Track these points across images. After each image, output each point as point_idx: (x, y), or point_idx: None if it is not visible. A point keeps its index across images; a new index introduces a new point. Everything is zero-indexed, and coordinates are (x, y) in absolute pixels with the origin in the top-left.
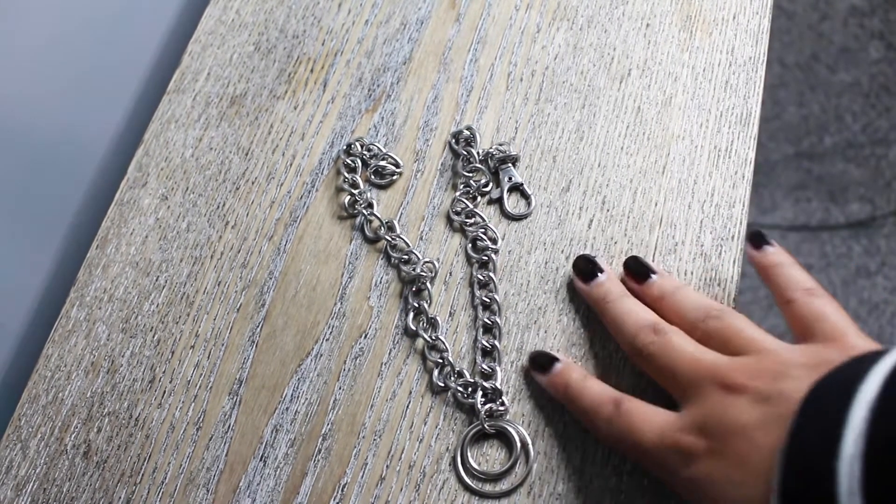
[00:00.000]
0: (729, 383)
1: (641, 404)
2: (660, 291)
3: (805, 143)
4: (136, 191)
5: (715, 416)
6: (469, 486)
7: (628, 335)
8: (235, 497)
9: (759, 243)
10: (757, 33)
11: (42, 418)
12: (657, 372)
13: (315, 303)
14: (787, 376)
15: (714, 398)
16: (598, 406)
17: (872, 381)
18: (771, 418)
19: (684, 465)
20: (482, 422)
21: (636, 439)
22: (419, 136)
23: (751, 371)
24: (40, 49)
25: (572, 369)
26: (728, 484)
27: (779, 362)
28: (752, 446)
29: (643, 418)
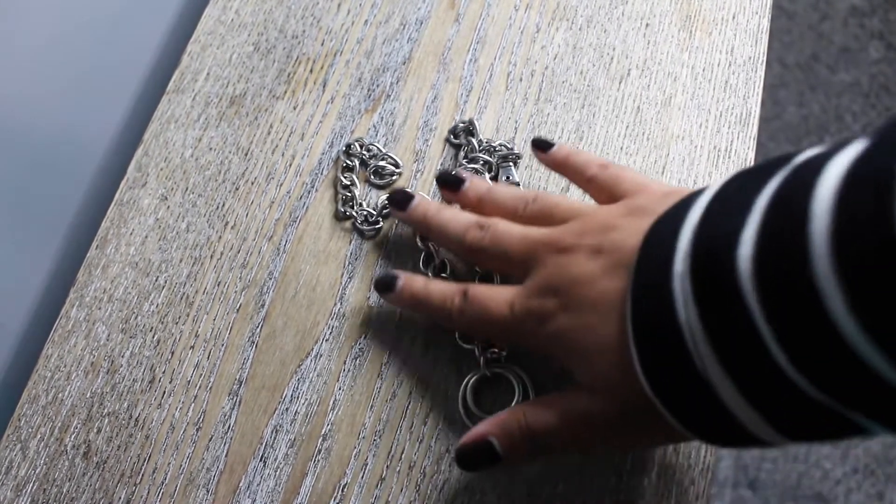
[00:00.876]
0: (562, 246)
1: (485, 286)
2: (475, 194)
3: (805, 143)
4: (135, 191)
5: (556, 275)
6: None
7: (457, 237)
8: (235, 497)
9: (545, 146)
10: (756, 33)
11: (42, 419)
12: (493, 261)
13: (315, 303)
14: (612, 228)
15: (551, 261)
16: (447, 301)
17: (696, 208)
18: (608, 265)
19: (540, 325)
20: (482, 367)
21: (489, 317)
22: (419, 136)
23: (578, 231)
24: (40, 49)
25: (414, 280)
26: (585, 330)
27: (600, 219)
28: (597, 291)
29: (491, 297)
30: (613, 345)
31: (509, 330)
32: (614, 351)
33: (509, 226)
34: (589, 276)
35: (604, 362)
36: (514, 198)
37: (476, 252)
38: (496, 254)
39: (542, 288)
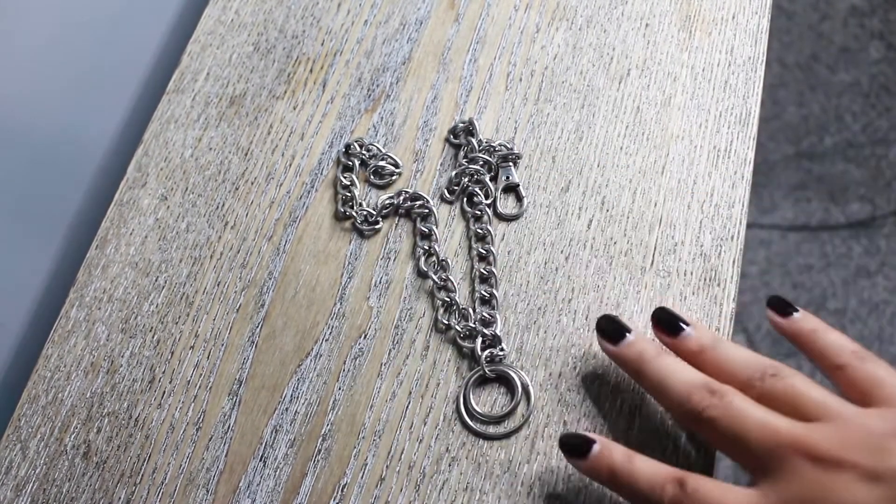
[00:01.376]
0: (822, 456)
1: (710, 481)
2: (698, 345)
3: (805, 143)
4: (135, 191)
5: (813, 496)
6: (473, 429)
7: (679, 398)
8: (235, 497)
9: (785, 310)
10: (756, 33)
11: (42, 419)
12: (721, 440)
13: (314, 303)
14: (889, 450)
15: (806, 474)
16: (658, 487)
17: None
18: (888, 499)
19: None
20: (483, 367)
21: None
22: (418, 136)
23: (840, 440)
24: (40, 49)
25: (613, 449)
26: None
27: (868, 431)
28: None
29: (719, 499)
30: None
31: None
32: None
33: (748, 404)
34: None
35: None
36: (748, 363)
37: (701, 422)
38: (728, 434)
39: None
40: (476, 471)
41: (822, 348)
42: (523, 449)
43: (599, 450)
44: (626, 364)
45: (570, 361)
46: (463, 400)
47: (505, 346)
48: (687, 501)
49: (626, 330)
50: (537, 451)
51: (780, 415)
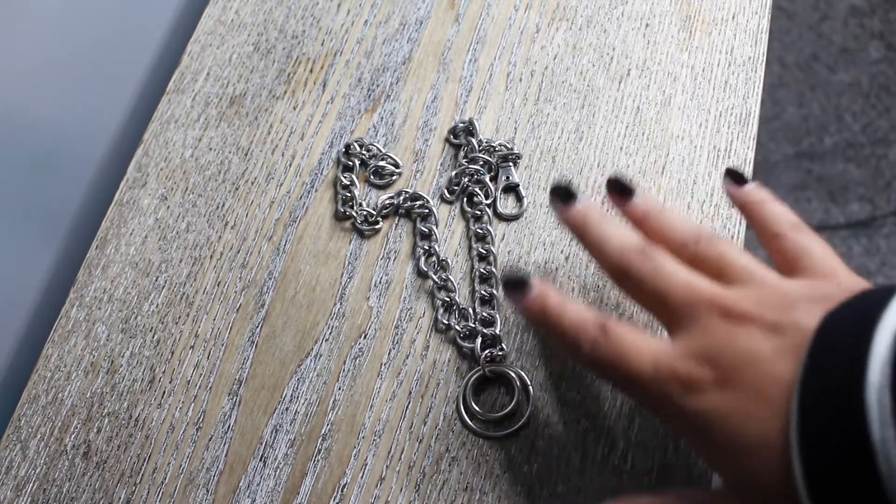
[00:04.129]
0: (733, 311)
1: (630, 328)
2: (644, 210)
3: (805, 143)
4: (135, 191)
5: (720, 344)
6: (473, 429)
7: (613, 255)
8: (235, 497)
9: (740, 180)
10: (756, 33)
11: (42, 419)
12: (646, 297)
13: (315, 303)
14: (795, 307)
15: (716, 326)
16: (581, 329)
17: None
18: (785, 349)
19: (687, 396)
20: (482, 367)
21: (627, 366)
22: (418, 137)
23: (754, 300)
24: (40, 49)
25: (549, 291)
26: (743, 418)
27: (782, 293)
28: (767, 378)
29: (634, 342)
30: (773, 442)
31: (644, 389)
32: (773, 449)
33: (675, 266)
34: (759, 355)
35: (757, 461)
36: (685, 229)
37: (628, 278)
38: (651, 290)
39: (697, 353)
40: (476, 471)
41: (763, 218)
42: (523, 449)
43: (537, 292)
44: (572, 226)
45: (570, 361)
46: (463, 400)
47: (505, 346)
48: (605, 343)
49: (575, 196)
50: (537, 451)
51: (705, 277)
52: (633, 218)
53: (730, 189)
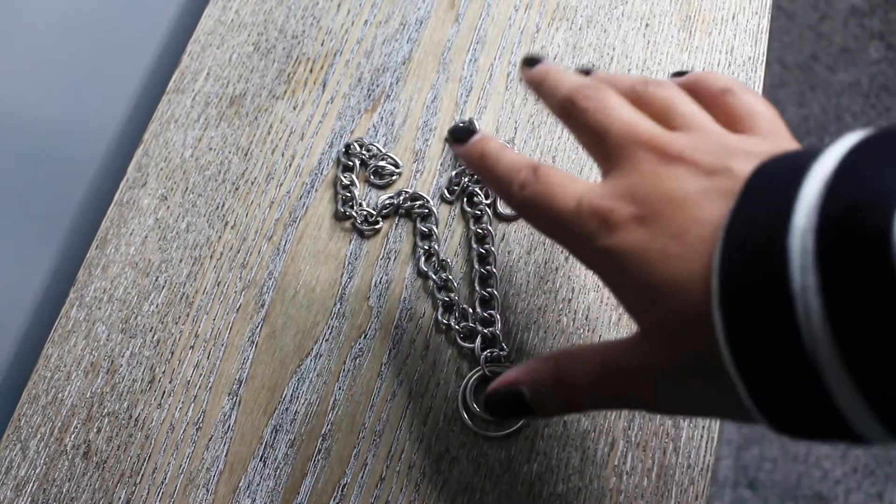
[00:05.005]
0: (667, 152)
1: (561, 172)
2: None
3: (805, 144)
4: (135, 191)
5: (647, 182)
6: (473, 429)
7: (562, 90)
8: (235, 497)
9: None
10: (756, 33)
11: (42, 419)
12: (586, 130)
13: (315, 303)
14: (732, 156)
15: (647, 165)
16: (514, 171)
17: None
18: (714, 191)
19: (605, 232)
20: (483, 366)
21: (551, 205)
22: (418, 137)
23: (693, 144)
24: (40, 49)
25: (489, 139)
26: (659, 256)
27: (721, 142)
28: (691, 217)
29: (561, 183)
30: (692, 284)
31: (565, 227)
32: (691, 292)
33: (621, 102)
34: (687, 196)
35: (674, 302)
36: (634, 77)
37: (572, 114)
38: (593, 125)
39: (623, 191)
40: (476, 471)
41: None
42: (523, 449)
43: (479, 137)
44: (529, 81)
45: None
46: (463, 400)
47: (505, 346)
48: (535, 184)
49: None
50: (537, 451)
51: (648, 118)
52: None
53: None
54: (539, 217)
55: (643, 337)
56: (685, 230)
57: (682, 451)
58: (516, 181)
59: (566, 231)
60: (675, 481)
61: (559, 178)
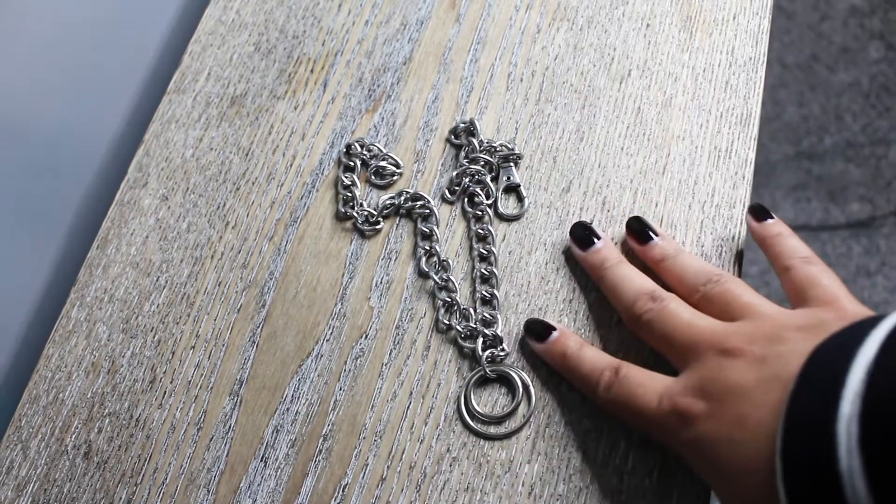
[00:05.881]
0: (727, 347)
1: (640, 370)
2: (661, 254)
3: (805, 143)
4: (136, 191)
5: (713, 378)
6: (474, 430)
7: (626, 302)
8: (236, 497)
9: (762, 216)
10: (757, 33)
11: (42, 419)
12: (655, 339)
13: (315, 303)
14: (783, 339)
15: (712, 362)
16: (597, 373)
17: (870, 344)
18: (768, 378)
19: (684, 427)
20: (483, 367)
21: (635, 404)
22: (419, 137)
23: (748, 335)
24: (41, 49)
25: (569, 338)
26: (729, 443)
27: (775, 325)
28: (750, 406)
29: (642, 383)
30: (757, 466)
31: (651, 423)
32: (757, 473)
33: (680, 307)
34: (745, 386)
35: (744, 483)
36: (698, 272)
37: (639, 324)
38: (658, 333)
39: (695, 388)
40: (477, 471)
41: (778, 251)
42: (524, 449)
43: (558, 336)
44: (589, 269)
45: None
46: (464, 400)
47: (506, 347)
48: (618, 383)
49: (595, 237)
50: (538, 452)
51: (707, 317)
52: (651, 261)
53: (750, 223)
54: (625, 413)
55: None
56: (746, 418)
57: None
58: (602, 382)
59: (650, 425)
60: (676, 481)
61: (640, 378)
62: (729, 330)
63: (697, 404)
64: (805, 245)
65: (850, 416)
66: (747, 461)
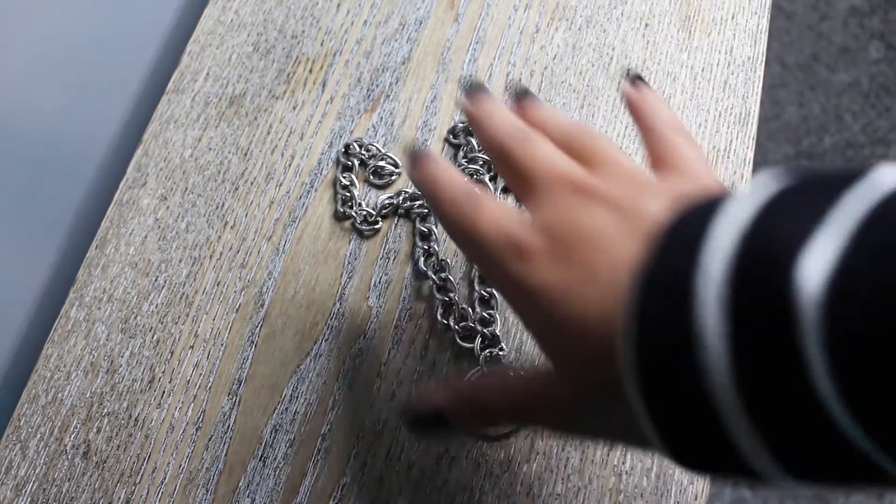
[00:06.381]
0: (582, 186)
1: (493, 199)
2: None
3: (805, 143)
4: (135, 191)
5: (563, 218)
6: None
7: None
8: (235, 497)
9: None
10: (756, 33)
11: (41, 418)
12: (515, 176)
13: (314, 303)
14: (645, 194)
15: (564, 200)
16: (453, 194)
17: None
18: (627, 230)
19: (514, 261)
20: (482, 366)
21: (474, 228)
22: (418, 137)
23: (608, 181)
24: (40, 49)
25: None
26: (567, 291)
27: (638, 181)
28: (603, 256)
29: (488, 209)
30: (599, 321)
31: (481, 251)
32: (598, 329)
33: (548, 148)
34: (600, 232)
35: (581, 338)
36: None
37: (503, 157)
38: (521, 169)
39: (541, 224)
40: (476, 471)
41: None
42: (523, 449)
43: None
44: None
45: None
46: None
47: (504, 346)
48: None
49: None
50: (537, 451)
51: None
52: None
53: (624, 87)
54: (464, 240)
55: (555, 370)
56: (596, 269)
57: None
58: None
59: (482, 255)
60: (675, 481)
61: (489, 204)
62: (589, 174)
63: (540, 241)
64: (677, 116)
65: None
66: (586, 314)
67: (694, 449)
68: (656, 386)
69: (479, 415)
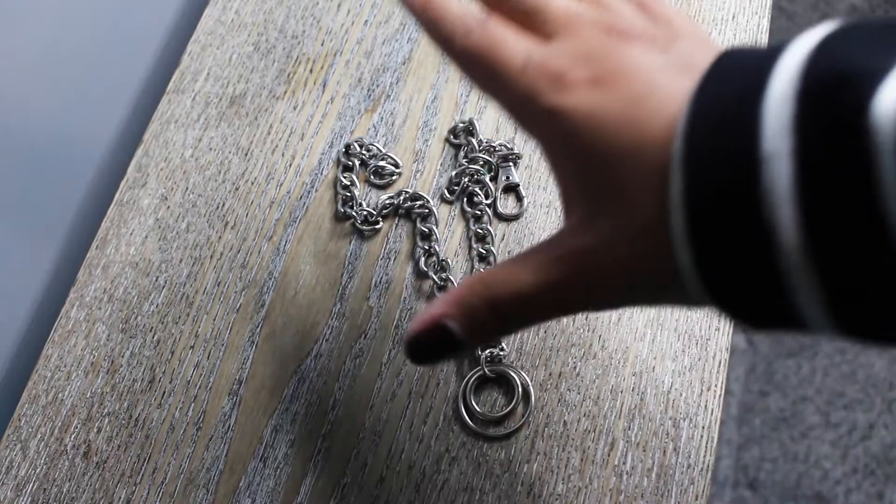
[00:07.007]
0: (618, 28)
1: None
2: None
3: None
4: (135, 191)
5: (602, 53)
6: (473, 430)
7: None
8: (235, 497)
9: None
10: (756, 33)
11: (42, 418)
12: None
13: (315, 303)
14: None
15: (598, 38)
16: (460, 18)
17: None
18: (674, 66)
19: (552, 92)
20: (483, 367)
21: (496, 58)
22: (418, 137)
23: (644, 23)
24: (40, 49)
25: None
26: (617, 121)
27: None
28: (651, 84)
29: (510, 37)
30: (648, 153)
31: (511, 85)
32: (646, 161)
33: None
34: (644, 66)
35: (627, 172)
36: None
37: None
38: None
39: (575, 52)
40: (476, 471)
41: None
42: (523, 449)
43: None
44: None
45: (570, 361)
46: (463, 400)
47: (505, 346)
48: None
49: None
50: (537, 451)
51: None
52: None
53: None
54: (480, 71)
55: (588, 215)
56: (646, 96)
57: (682, 451)
58: (461, 28)
59: (509, 89)
60: (675, 481)
61: (508, 34)
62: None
63: (580, 69)
64: None
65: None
66: (636, 144)
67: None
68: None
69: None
